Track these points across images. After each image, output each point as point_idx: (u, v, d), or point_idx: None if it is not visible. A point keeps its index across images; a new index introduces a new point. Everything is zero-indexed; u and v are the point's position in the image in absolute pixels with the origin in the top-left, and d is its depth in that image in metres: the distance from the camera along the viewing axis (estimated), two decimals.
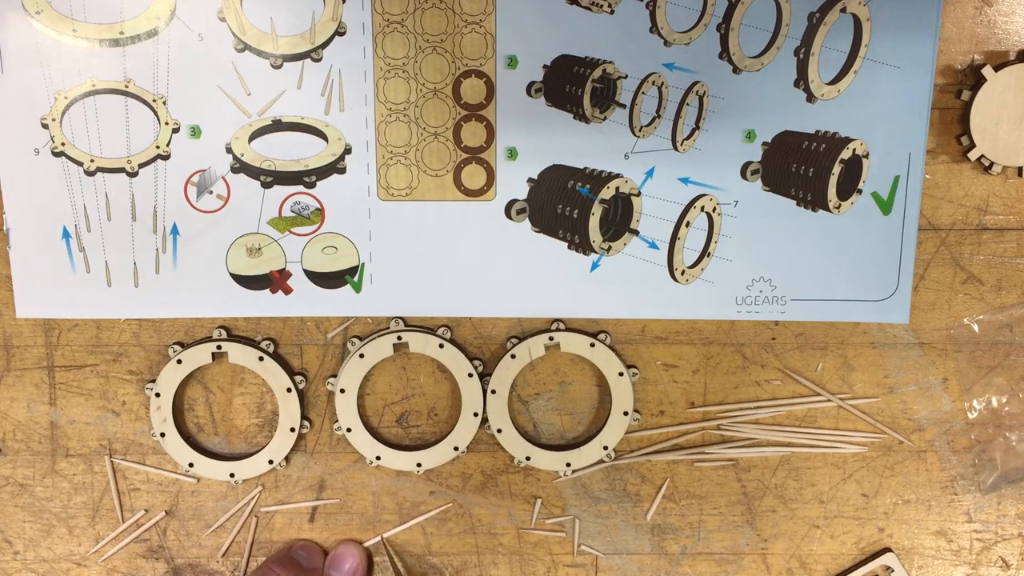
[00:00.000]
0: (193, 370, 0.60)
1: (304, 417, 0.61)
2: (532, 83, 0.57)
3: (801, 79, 0.56)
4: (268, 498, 0.63)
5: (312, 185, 0.58)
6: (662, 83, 0.57)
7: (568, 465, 0.61)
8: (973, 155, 0.57)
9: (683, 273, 0.59)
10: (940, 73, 0.57)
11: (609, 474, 0.62)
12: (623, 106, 0.57)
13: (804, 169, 0.58)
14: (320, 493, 0.63)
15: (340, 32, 0.56)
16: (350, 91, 0.57)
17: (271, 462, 0.61)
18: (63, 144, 0.57)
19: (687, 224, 0.58)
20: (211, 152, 0.57)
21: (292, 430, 0.60)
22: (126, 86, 0.56)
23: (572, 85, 0.56)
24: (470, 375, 0.60)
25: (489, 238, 0.59)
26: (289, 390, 0.60)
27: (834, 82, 0.57)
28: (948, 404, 0.61)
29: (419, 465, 0.61)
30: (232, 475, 0.61)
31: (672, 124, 0.57)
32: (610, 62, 0.56)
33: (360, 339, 0.60)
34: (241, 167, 0.57)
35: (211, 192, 0.58)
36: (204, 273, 0.59)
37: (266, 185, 0.58)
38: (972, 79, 0.57)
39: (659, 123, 0.57)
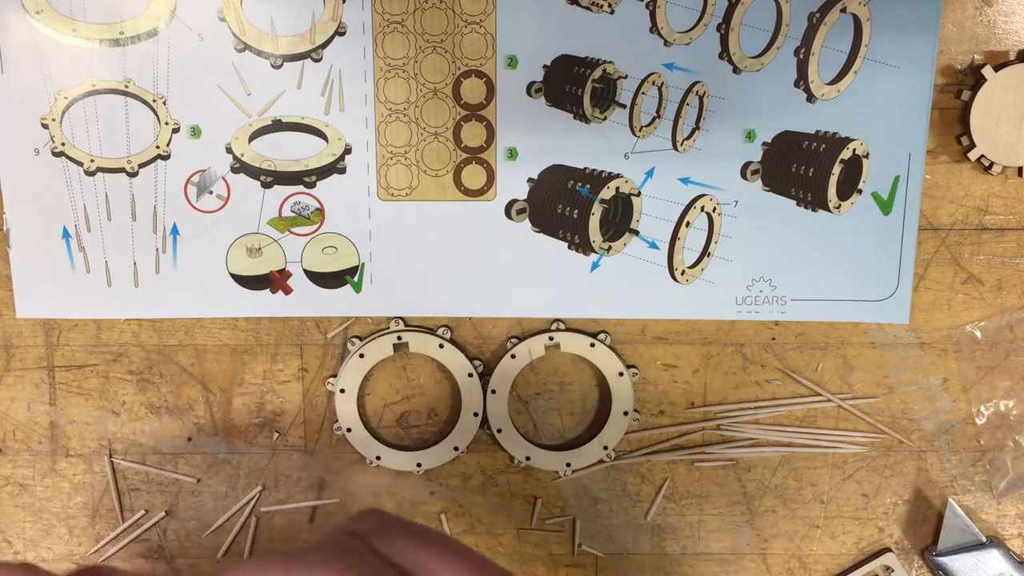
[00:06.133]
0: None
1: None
2: (532, 83, 0.57)
3: (801, 79, 0.56)
4: (268, 498, 0.63)
5: (312, 185, 0.58)
6: (662, 83, 0.57)
7: (568, 465, 0.61)
8: (973, 155, 0.57)
9: (683, 273, 0.59)
10: (940, 73, 0.57)
11: (609, 474, 0.62)
12: (623, 106, 0.57)
13: (804, 169, 0.58)
14: (320, 493, 0.63)
15: (340, 32, 0.56)
16: (350, 91, 0.57)
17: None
18: (63, 144, 0.57)
19: (687, 224, 0.58)
20: (211, 152, 0.57)
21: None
22: (126, 86, 0.56)
23: (572, 85, 0.56)
24: (470, 375, 0.60)
25: (489, 238, 0.58)
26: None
27: (834, 82, 0.57)
28: (948, 404, 0.61)
29: (419, 465, 0.61)
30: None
31: (672, 124, 0.57)
32: (610, 62, 0.56)
33: (360, 339, 0.60)
34: (241, 167, 0.57)
35: (211, 192, 0.58)
36: (204, 273, 0.59)
37: (266, 185, 0.58)
38: (972, 79, 0.57)
39: (659, 123, 0.57)
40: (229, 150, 0.57)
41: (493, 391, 0.60)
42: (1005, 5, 0.56)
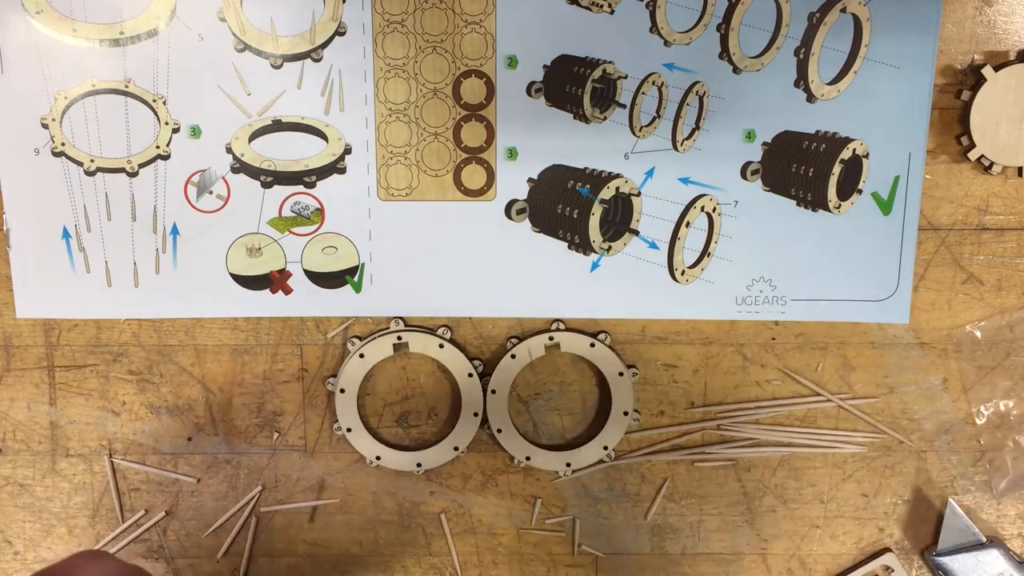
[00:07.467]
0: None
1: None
2: (532, 83, 0.57)
3: (801, 79, 0.56)
4: (268, 498, 0.63)
5: (312, 185, 0.58)
6: (662, 83, 0.57)
7: (568, 465, 0.61)
8: (973, 155, 0.57)
9: (683, 273, 0.59)
10: (940, 73, 0.57)
11: (609, 474, 0.62)
12: (623, 106, 0.57)
13: (804, 169, 0.58)
14: (320, 493, 0.63)
15: (340, 32, 0.56)
16: (350, 91, 0.57)
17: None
18: (63, 144, 0.57)
19: (687, 224, 0.58)
20: (211, 152, 0.57)
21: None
22: (126, 86, 0.56)
23: (572, 85, 0.56)
24: (470, 375, 0.60)
25: (489, 238, 0.58)
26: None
27: (834, 82, 0.57)
28: (948, 404, 0.61)
29: (419, 465, 0.61)
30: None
31: (672, 124, 0.57)
32: (610, 62, 0.56)
33: (360, 339, 0.60)
34: (241, 167, 0.57)
35: (211, 192, 0.58)
36: (204, 273, 0.59)
37: (266, 185, 0.58)
38: (972, 79, 0.57)
39: (659, 123, 0.57)
40: (229, 150, 0.57)
41: (493, 391, 0.60)
42: (1005, 5, 0.56)
